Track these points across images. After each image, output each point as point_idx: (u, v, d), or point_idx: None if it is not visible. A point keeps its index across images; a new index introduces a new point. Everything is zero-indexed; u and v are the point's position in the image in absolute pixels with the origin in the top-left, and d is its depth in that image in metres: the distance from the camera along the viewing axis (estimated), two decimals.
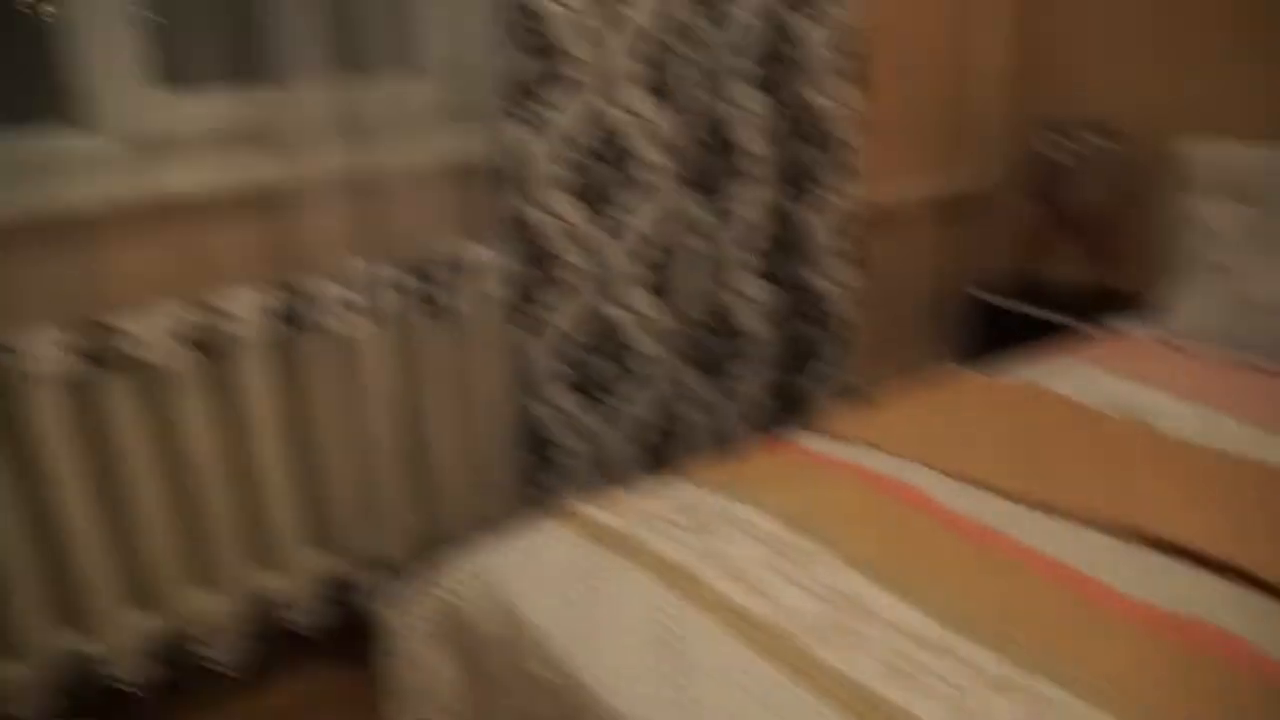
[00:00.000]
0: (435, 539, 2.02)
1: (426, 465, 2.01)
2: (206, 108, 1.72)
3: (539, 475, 2.08)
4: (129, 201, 1.64)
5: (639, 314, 2.09)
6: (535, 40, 1.85)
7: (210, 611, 1.83)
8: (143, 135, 1.70)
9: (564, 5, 1.86)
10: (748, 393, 2.33)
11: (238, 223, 1.74)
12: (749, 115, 2.14)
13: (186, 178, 1.68)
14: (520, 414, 2.04)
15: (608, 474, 2.13)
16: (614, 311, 2.08)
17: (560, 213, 1.97)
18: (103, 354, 1.63)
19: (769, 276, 2.29)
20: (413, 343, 1.92)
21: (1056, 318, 2.49)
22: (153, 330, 1.66)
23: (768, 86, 2.16)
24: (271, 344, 1.77)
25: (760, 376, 2.34)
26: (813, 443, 1.65)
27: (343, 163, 1.75)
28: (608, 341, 2.09)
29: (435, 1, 1.77)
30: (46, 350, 1.58)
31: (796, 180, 2.26)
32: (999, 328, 2.63)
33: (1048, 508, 1.43)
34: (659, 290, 2.12)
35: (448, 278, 1.88)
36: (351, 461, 1.91)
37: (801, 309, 2.36)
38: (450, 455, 2.02)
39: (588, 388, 2.10)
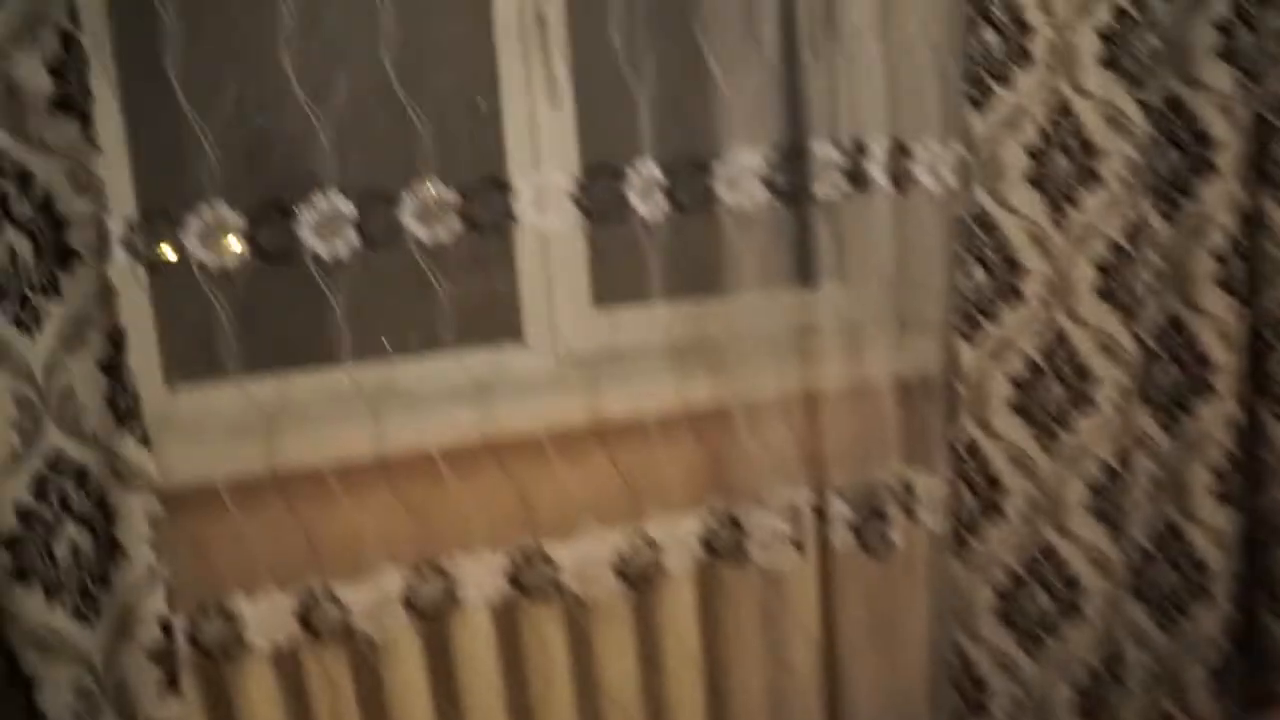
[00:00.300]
0: None
1: (843, 702, 1.84)
2: (647, 323, 1.66)
3: (964, 717, 1.84)
4: (564, 422, 1.60)
5: (1083, 543, 1.85)
6: (985, 251, 1.73)
7: None
8: (582, 352, 1.69)
9: (1017, 214, 1.73)
10: (1202, 634, 2.01)
11: (671, 443, 1.66)
12: (1211, 320, 1.87)
13: (623, 397, 1.63)
14: (948, 651, 1.85)
15: None
16: (1056, 540, 1.84)
17: (1005, 434, 1.79)
18: (529, 580, 1.58)
19: (1231, 500, 1.98)
20: (838, 570, 1.76)
21: None
22: (580, 557, 1.60)
23: (1232, 287, 1.88)
24: (695, 572, 1.68)
25: (1217, 615, 2.02)
26: None
27: (782, 379, 1.65)
28: (1047, 573, 1.86)
29: (881, 214, 1.61)
30: (480, 575, 1.56)
31: (1266, 389, 1.95)
32: None
33: None
34: (1106, 517, 1.86)
35: (882, 503, 1.71)
36: (765, 694, 1.76)
37: (1269, 537, 2.02)
38: (868, 692, 1.84)
39: (1022, 623, 1.87)
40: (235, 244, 1.34)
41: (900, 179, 1.64)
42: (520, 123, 1.62)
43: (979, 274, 1.74)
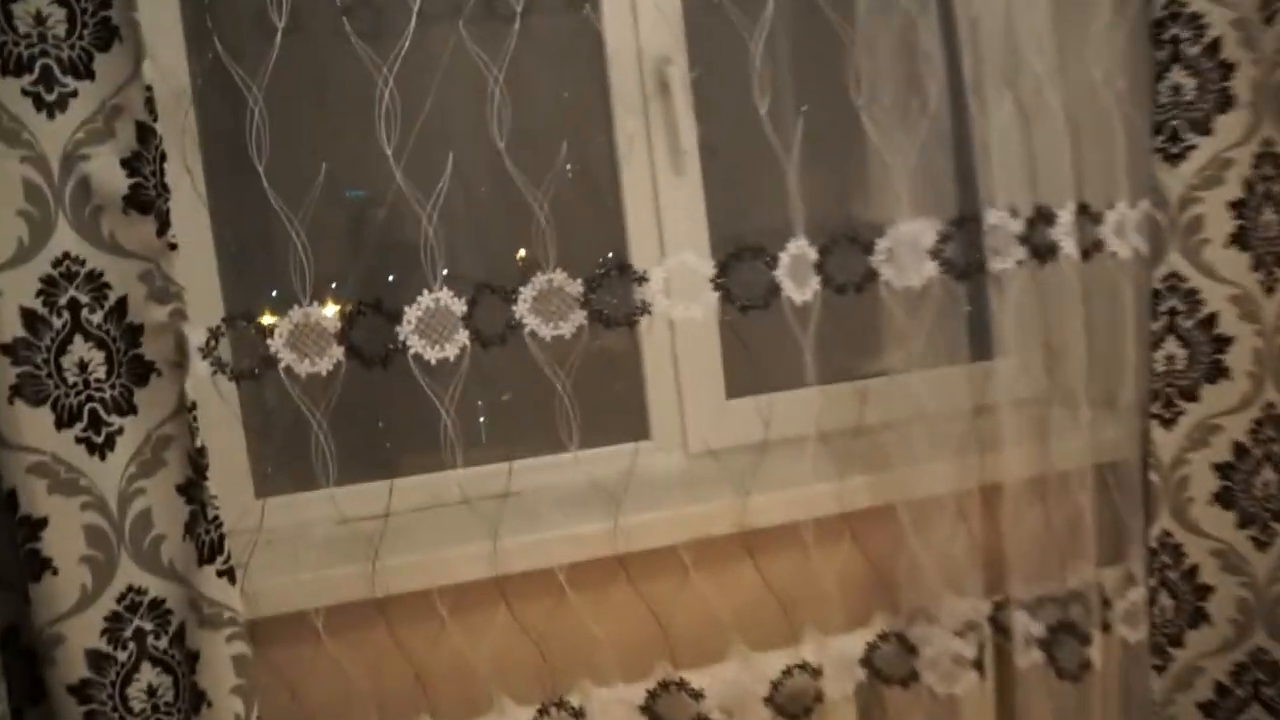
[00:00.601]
0: None
1: None
2: (793, 413, 1.45)
3: None
4: (703, 529, 1.41)
5: None
6: (1182, 322, 1.52)
7: None
8: (717, 449, 1.49)
9: (1219, 279, 1.51)
10: None
11: (826, 550, 1.46)
12: None
13: (769, 498, 1.43)
14: None
15: None
16: (1272, 648, 1.60)
17: (1209, 528, 1.57)
18: (668, 712, 1.39)
19: None
20: (1022, 692, 1.53)
21: None
22: (725, 685, 1.40)
23: None
24: (857, 697, 1.46)
25: None
26: None
27: (954, 472, 1.43)
28: (1263, 685, 1.62)
29: (1065, 285, 1.41)
30: (611, 708, 1.37)
31: None
32: None
33: None
34: None
35: (1074, 616, 1.49)
36: None
37: None
38: None
39: None
40: (330, 348, 1.17)
41: (1086, 246, 1.40)
42: (644, 201, 1.48)
43: (1175, 348, 1.52)
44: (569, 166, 1.37)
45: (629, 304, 1.29)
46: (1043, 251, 1.40)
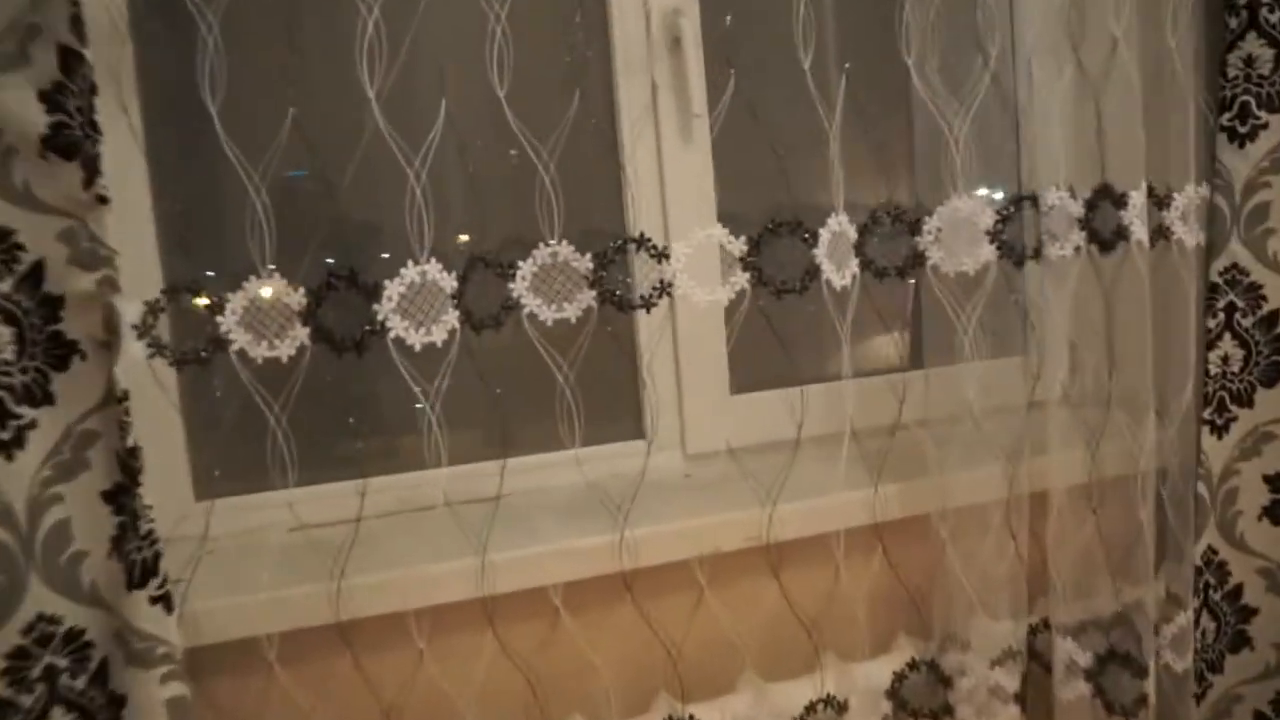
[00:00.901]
0: None
1: None
2: (816, 411, 1.28)
3: None
4: (713, 541, 1.24)
5: None
6: (1239, 319, 1.39)
7: None
8: (722, 449, 1.35)
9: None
10: None
11: (852, 567, 1.31)
12: None
13: (789, 508, 1.25)
14: None
15: None
16: None
17: (1257, 546, 1.45)
18: None
19: None
20: None
21: None
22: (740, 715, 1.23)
23: None
24: None
25: None
26: None
27: (995, 480, 1.28)
28: None
29: (1129, 274, 1.25)
30: None
31: None
32: None
33: None
34: None
35: (1125, 643, 1.35)
36: None
37: None
38: None
39: None
40: (293, 329, 0.98)
41: (1152, 233, 1.24)
42: (647, 169, 1.31)
43: (1231, 348, 1.39)
44: (590, 121, 1.18)
45: (640, 283, 1.11)
46: (1105, 237, 1.24)
